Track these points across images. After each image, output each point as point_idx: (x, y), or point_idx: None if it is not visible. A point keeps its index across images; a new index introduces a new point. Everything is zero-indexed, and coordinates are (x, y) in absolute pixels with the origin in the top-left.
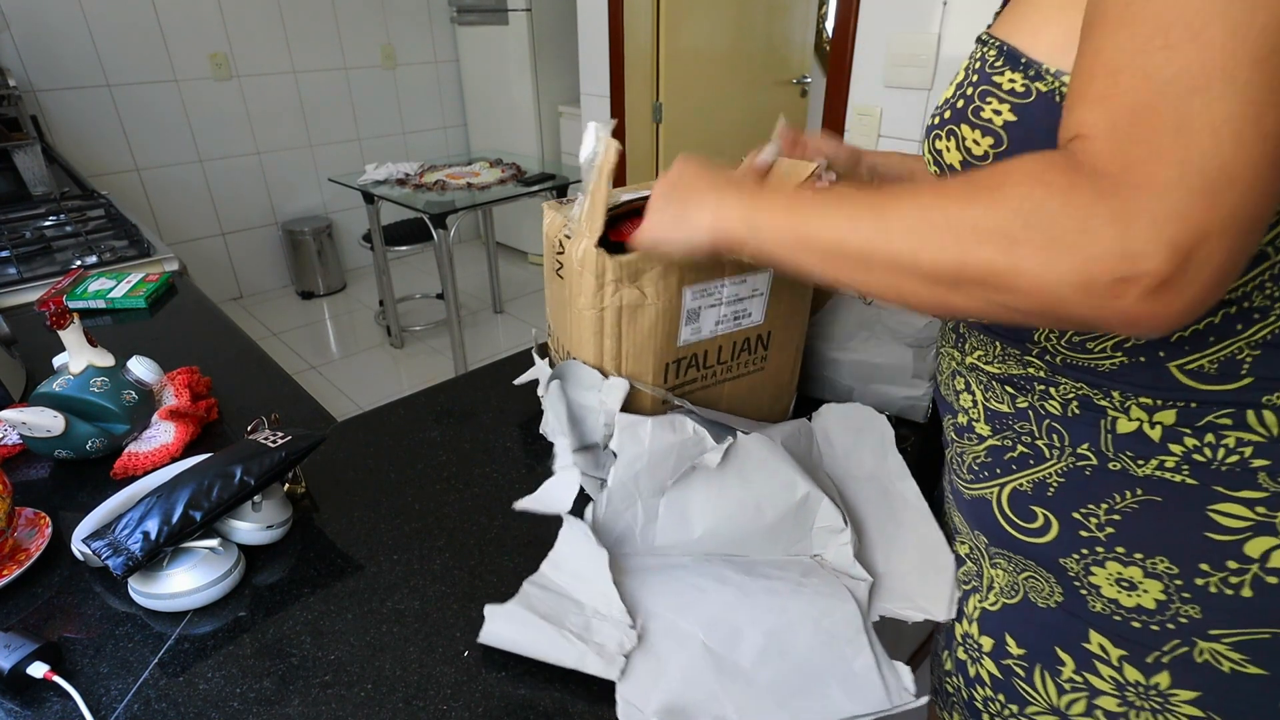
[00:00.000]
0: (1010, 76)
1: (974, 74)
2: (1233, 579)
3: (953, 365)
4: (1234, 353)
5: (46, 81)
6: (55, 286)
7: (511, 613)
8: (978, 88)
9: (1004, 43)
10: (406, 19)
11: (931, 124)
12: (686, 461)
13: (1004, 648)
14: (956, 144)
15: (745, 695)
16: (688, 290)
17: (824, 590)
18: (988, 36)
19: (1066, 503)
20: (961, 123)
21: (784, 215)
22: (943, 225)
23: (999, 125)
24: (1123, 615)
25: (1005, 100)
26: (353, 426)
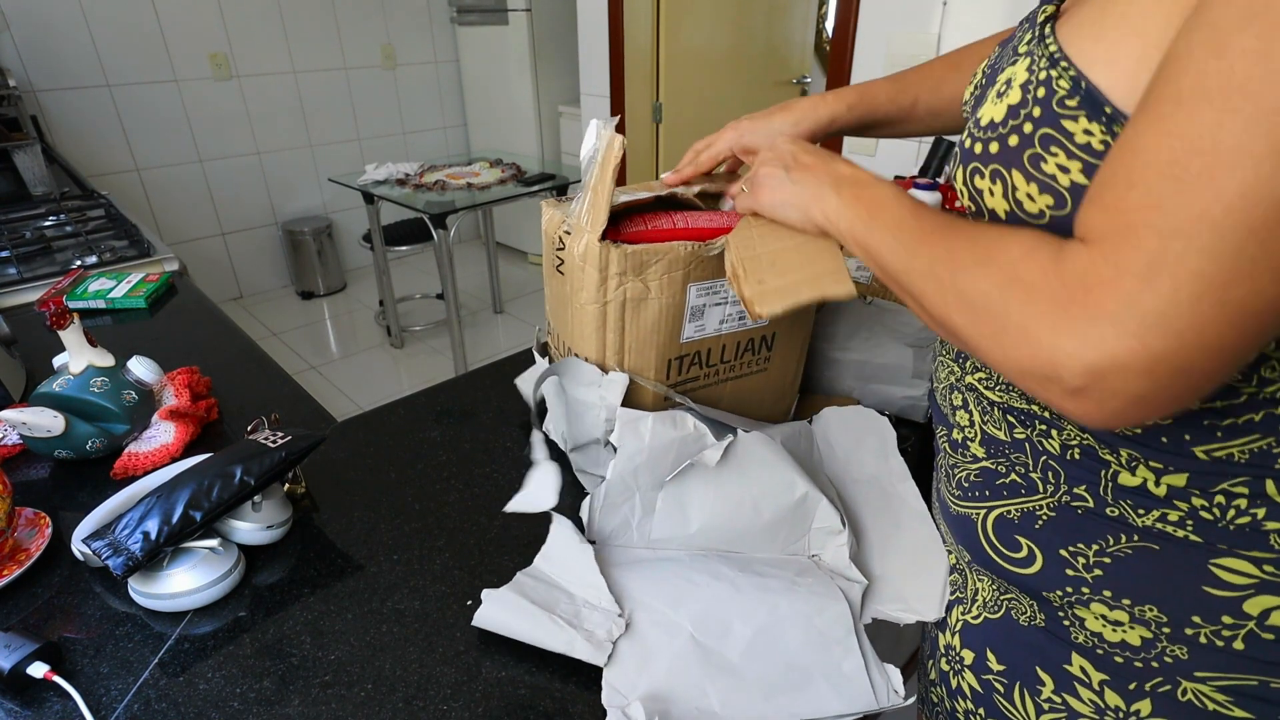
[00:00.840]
0: (1087, 126)
1: (1034, 101)
2: (1225, 633)
3: (951, 379)
4: (1269, 445)
5: (46, 81)
6: (55, 286)
7: (504, 598)
8: (1040, 126)
9: (1080, 74)
10: (406, 19)
11: (969, 149)
12: (686, 458)
13: (985, 662)
14: (1005, 191)
15: (731, 688)
16: (692, 287)
17: (817, 590)
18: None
19: (1054, 539)
20: (1014, 168)
21: (863, 225)
22: (942, 280)
23: (1064, 185)
24: (1105, 649)
25: (1076, 157)
26: (353, 426)
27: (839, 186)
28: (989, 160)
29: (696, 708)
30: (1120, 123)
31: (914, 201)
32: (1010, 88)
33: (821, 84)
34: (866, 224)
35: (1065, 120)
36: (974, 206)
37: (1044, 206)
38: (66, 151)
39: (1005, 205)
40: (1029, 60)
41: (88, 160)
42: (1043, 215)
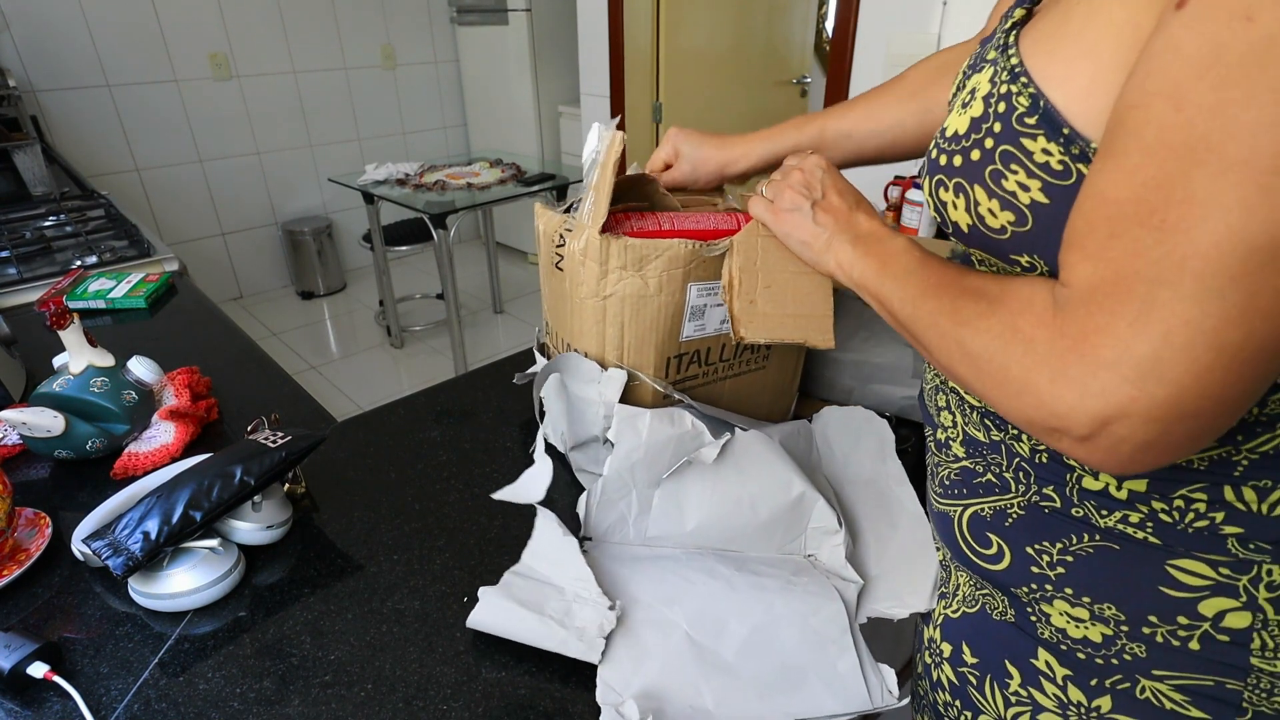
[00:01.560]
0: (1045, 146)
1: (995, 116)
2: (1181, 633)
3: (936, 380)
4: (1227, 454)
5: (46, 81)
6: (55, 286)
7: (496, 601)
8: (1000, 143)
9: (1039, 92)
10: (406, 19)
11: (935, 160)
12: (683, 455)
13: (961, 655)
14: (967, 205)
15: (726, 686)
16: (693, 286)
17: (813, 589)
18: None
19: (1022, 536)
20: (975, 183)
21: (874, 276)
22: (946, 333)
23: (1024, 203)
24: (1069, 645)
25: (1036, 175)
26: (353, 426)
27: (855, 240)
28: (952, 173)
29: (691, 706)
30: (1078, 144)
31: (924, 253)
32: (974, 99)
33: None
34: (878, 275)
35: (1024, 138)
36: (939, 217)
37: (1005, 223)
38: (66, 151)
39: (968, 219)
40: (992, 71)
41: (88, 160)
42: (1004, 231)
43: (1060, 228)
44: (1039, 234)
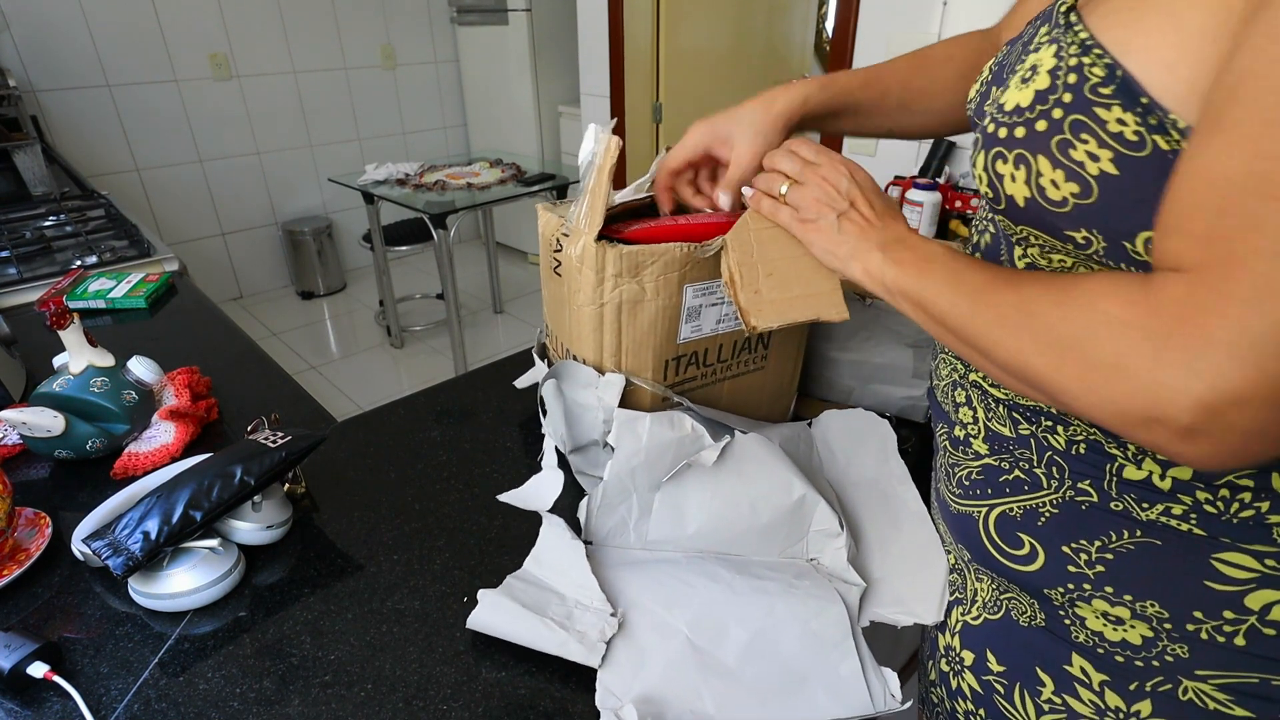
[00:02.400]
0: (1120, 115)
1: (1064, 88)
2: (1227, 628)
3: (954, 376)
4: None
5: (46, 81)
6: (55, 286)
7: (497, 602)
8: (1070, 112)
9: (1116, 62)
10: (406, 19)
11: (991, 134)
12: (683, 458)
13: (985, 663)
14: (1028, 176)
15: (727, 691)
16: (689, 288)
17: (815, 593)
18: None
19: (1057, 535)
20: (1039, 153)
21: (913, 280)
22: (1016, 326)
23: (1091, 173)
24: (1106, 648)
25: (1108, 146)
26: (353, 426)
27: (885, 246)
28: (1013, 145)
29: (691, 710)
30: (1156, 114)
31: (967, 256)
32: (1036, 73)
33: None
34: (918, 280)
35: (1097, 108)
36: (992, 193)
37: (1068, 194)
38: (66, 151)
39: (1026, 191)
40: (1055, 47)
41: (88, 160)
42: (1065, 203)
43: (1126, 201)
44: (1101, 207)
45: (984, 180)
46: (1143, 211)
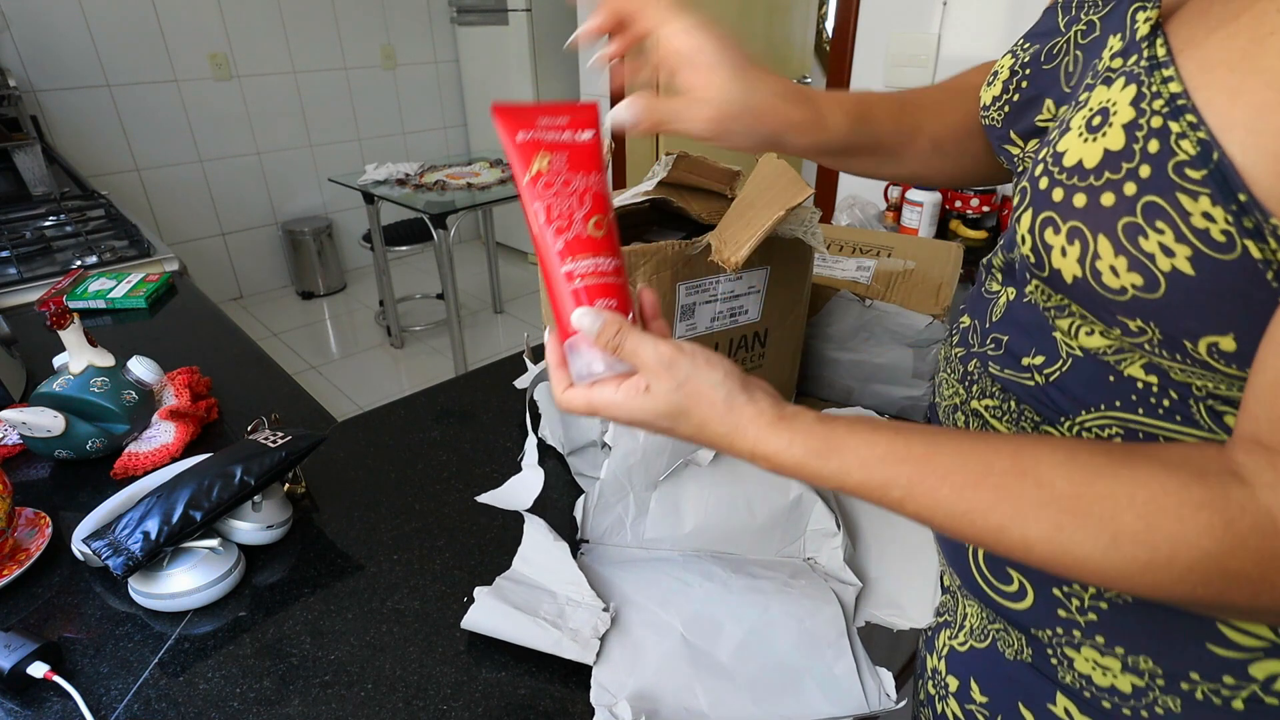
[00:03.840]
0: (1209, 210)
1: (1142, 156)
2: (1224, 691)
3: (955, 400)
4: None
5: (46, 81)
6: (55, 286)
7: (489, 603)
8: (1146, 192)
9: (1213, 140)
10: (406, 19)
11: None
12: (680, 457)
13: (968, 691)
14: (1082, 255)
15: (721, 689)
16: (681, 286)
17: (810, 592)
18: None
19: (1049, 576)
20: (1101, 233)
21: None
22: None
23: (1162, 269)
24: (1093, 692)
25: (1187, 242)
26: (353, 426)
27: (778, 421)
28: (1070, 214)
29: (685, 708)
30: (1253, 217)
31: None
32: (1109, 124)
33: (821, 84)
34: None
35: (1181, 194)
36: (1034, 259)
37: (1129, 284)
38: (66, 151)
39: (1077, 271)
40: (1135, 89)
41: (88, 160)
42: (1124, 292)
43: (1197, 303)
44: (1166, 304)
45: (1027, 243)
46: (1216, 317)
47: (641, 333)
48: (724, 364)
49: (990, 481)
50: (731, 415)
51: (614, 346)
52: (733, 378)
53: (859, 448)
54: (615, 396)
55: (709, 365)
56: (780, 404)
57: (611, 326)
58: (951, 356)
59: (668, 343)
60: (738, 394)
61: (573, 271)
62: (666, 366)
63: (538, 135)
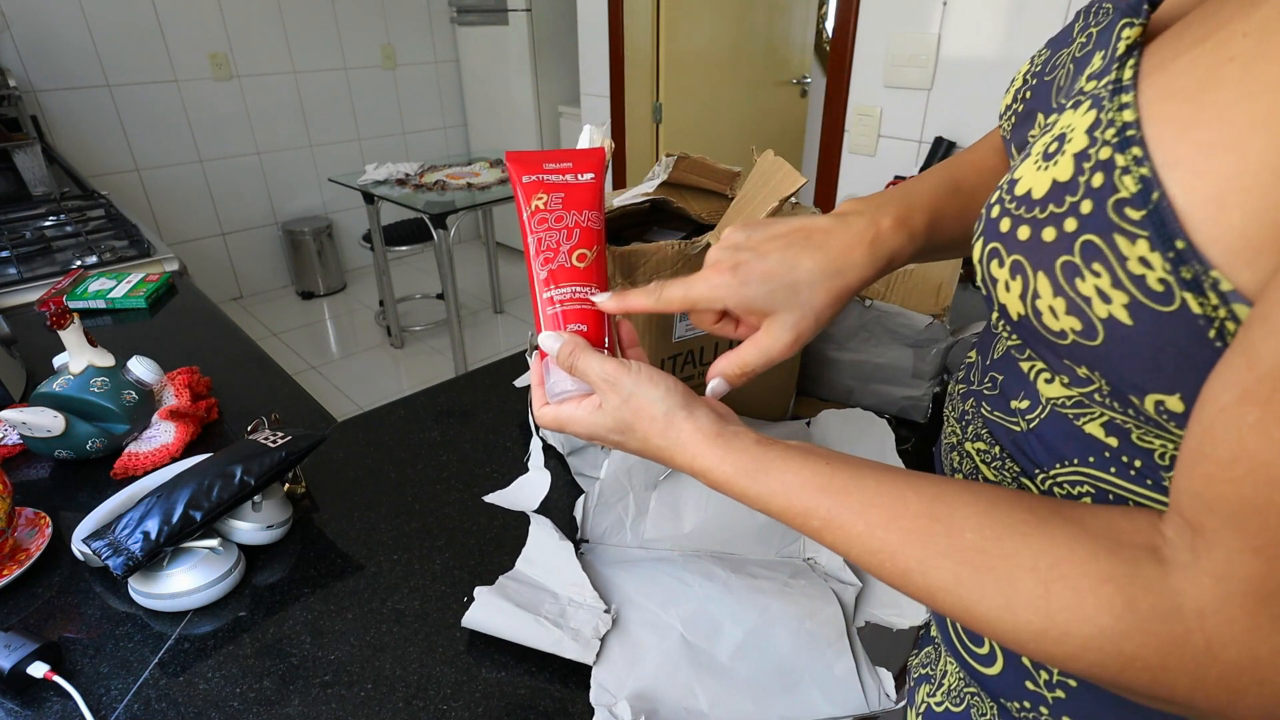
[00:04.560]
0: (1146, 255)
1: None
2: None
3: (953, 439)
4: None
5: (46, 81)
6: (55, 286)
7: (491, 601)
8: (1085, 230)
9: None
10: (406, 19)
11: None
12: None
13: None
14: (1023, 292)
15: (720, 689)
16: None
17: (810, 592)
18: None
19: None
20: (1040, 270)
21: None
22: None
23: (1098, 315)
24: None
25: (1124, 289)
26: (353, 426)
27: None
28: (1014, 247)
29: (685, 708)
30: (1191, 267)
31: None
32: (1062, 151)
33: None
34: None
35: (1119, 235)
36: (984, 291)
37: (1068, 328)
38: (66, 151)
39: (1020, 308)
40: (1094, 116)
41: (88, 160)
42: (1064, 335)
43: (1141, 356)
44: (1107, 355)
45: (978, 273)
46: (1159, 374)
47: (593, 353)
48: (666, 381)
49: (902, 523)
50: (671, 430)
51: (569, 365)
52: (674, 394)
53: (785, 473)
54: (576, 412)
55: (651, 382)
56: (721, 422)
57: (567, 347)
58: (954, 393)
59: (615, 362)
60: (677, 410)
61: (552, 298)
62: (612, 384)
63: (541, 177)
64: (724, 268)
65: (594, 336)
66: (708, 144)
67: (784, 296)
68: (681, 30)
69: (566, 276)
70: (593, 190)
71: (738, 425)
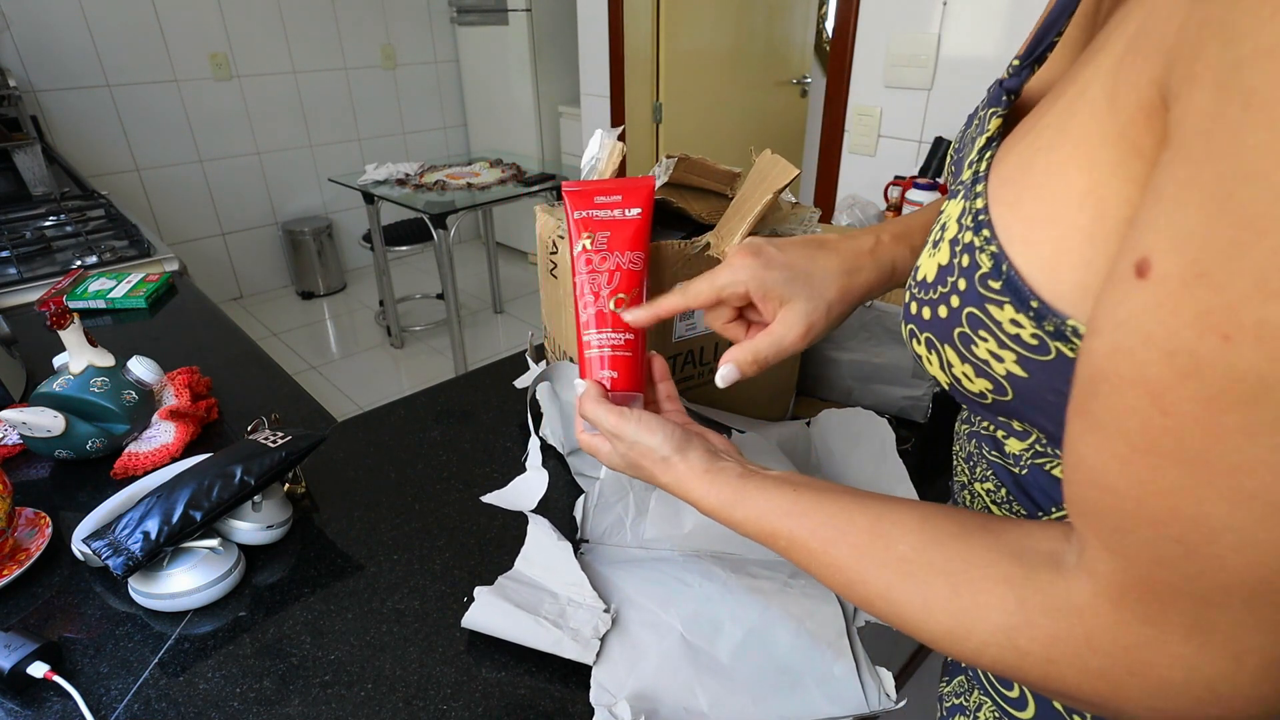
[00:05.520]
0: (1014, 316)
1: (959, 271)
2: None
3: (963, 478)
4: None
5: (46, 81)
6: (55, 286)
7: (490, 601)
8: (966, 304)
9: (1001, 253)
10: (406, 19)
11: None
12: None
13: None
14: (941, 364)
15: (720, 689)
16: (680, 285)
17: (810, 592)
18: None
19: None
20: (945, 343)
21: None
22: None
23: (999, 374)
24: None
25: (1010, 348)
26: (353, 426)
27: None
28: (923, 326)
29: (685, 708)
30: (1051, 321)
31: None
32: (942, 239)
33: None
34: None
35: (990, 305)
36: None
37: (984, 389)
38: (66, 151)
39: (945, 378)
40: (963, 205)
41: (88, 160)
42: (984, 396)
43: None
44: (1022, 405)
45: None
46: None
47: (601, 405)
48: (663, 429)
49: (849, 539)
50: (670, 470)
51: (584, 415)
52: (670, 440)
53: (759, 501)
54: (602, 447)
55: (649, 430)
56: (711, 458)
57: (585, 398)
58: (960, 432)
59: (616, 414)
60: (673, 454)
61: (589, 341)
62: (616, 434)
63: (590, 213)
64: (746, 253)
65: (625, 381)
66: (708, 144)
67: (801, 285)
68: (681, 30)
69: (603, 322)
70: (638, 229)
71: (728, 460)
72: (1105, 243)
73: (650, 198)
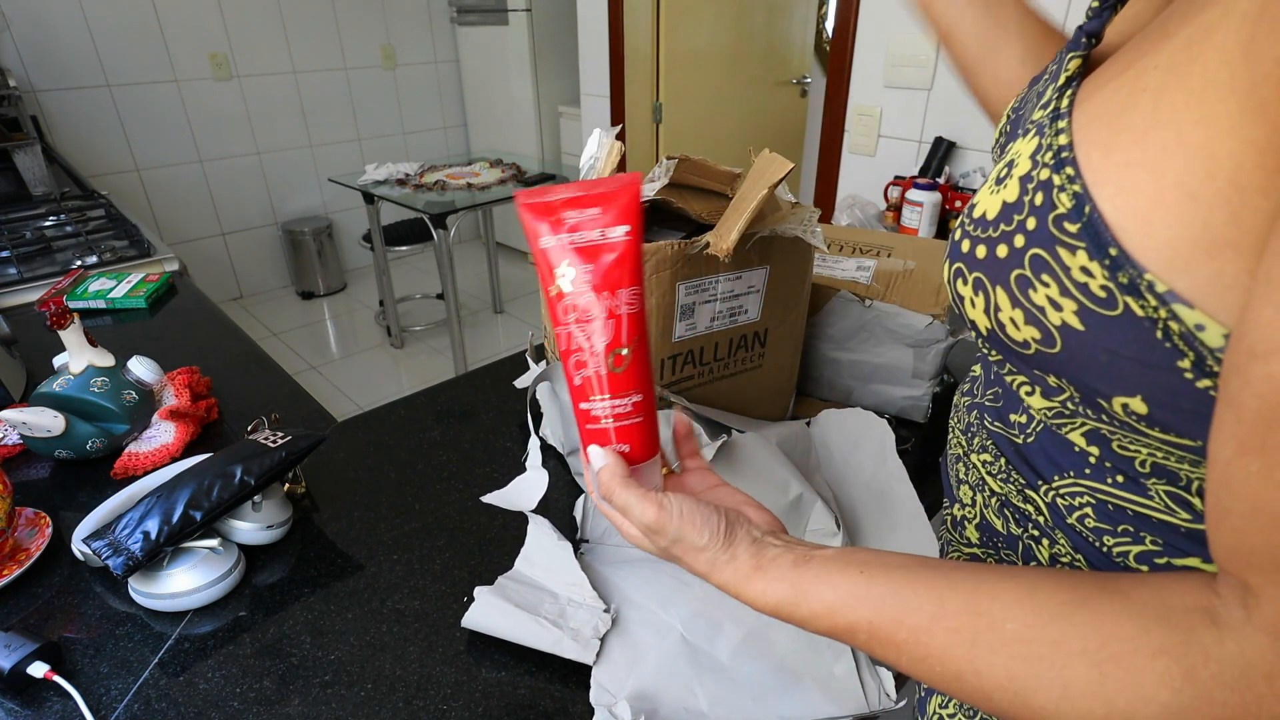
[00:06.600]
0: (1086, 264)
1: (1029, 209)
2: None
3: (958, 450)
4: None
5: (46, 81)
6: (55, 286)
7: (490, 602)
8: (1032, 244)
9: (1086, 194)
10: (406, 19)
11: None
12: None
13: None
14: (986, 306)
15: (720, 688)
16: (681, 285)
17: None
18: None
19: None
20: (998, 285)
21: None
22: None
23: (1053, 323)
24: None
25: (1071, 296)
26: (353, 426)
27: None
28: (974, 265)
29: (685, 707)
30: (1127, 272)
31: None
32: (1010, 175)
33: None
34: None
35: (1060, 247)
36: (956, 310)
37: (1030, 338)
38: (66, 151)
39: (987, 322)
40: (1036, 142)
41: (88, 160)
42: (1027, 345)
43: (1098, 360)
44: (1068, 360)
45: (950, 294)
46: (1118, 376)
47: (632, 491)
48: (706, 522)
49: (944, 624)
50: (716, 574)
51: (607, 495)
52: (716, 539)
53: (825, 593)
54: (630, 530)
55: (692, 526)
56: (759, 553)
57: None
58: (959, 404)
59: (653, 505)
60: (720, 555)
61: (588, 411)
62: (653, 530)
63: (561, 239)
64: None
65: (639, 451)
66: (708, 144)
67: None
68: (681, 30)
69: (602, 388)
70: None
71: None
72: (1209, 205)
73: (637, 205)
